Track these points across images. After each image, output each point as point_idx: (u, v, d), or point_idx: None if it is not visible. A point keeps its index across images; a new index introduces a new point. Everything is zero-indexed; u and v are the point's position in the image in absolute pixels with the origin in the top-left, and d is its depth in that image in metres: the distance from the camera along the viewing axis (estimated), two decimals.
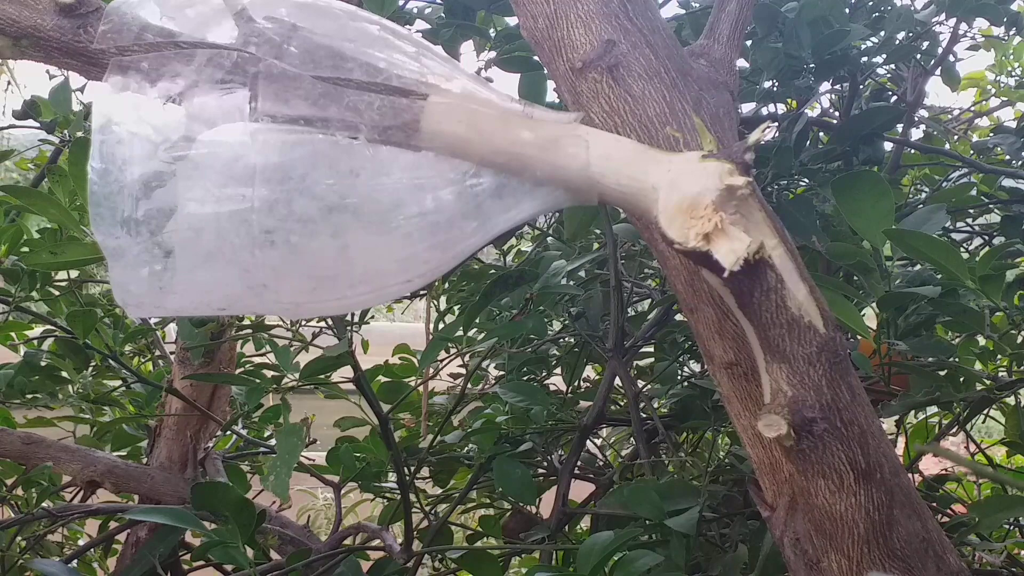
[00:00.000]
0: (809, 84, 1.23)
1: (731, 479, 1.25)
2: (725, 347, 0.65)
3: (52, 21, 0.63)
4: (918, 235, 0.85)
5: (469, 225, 0.58)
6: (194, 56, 0.57)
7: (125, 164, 0.56)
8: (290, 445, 1.04)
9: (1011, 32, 1.59)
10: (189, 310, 0.61)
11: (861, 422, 0.59)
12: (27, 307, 1.38)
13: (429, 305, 1.75)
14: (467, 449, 1.46)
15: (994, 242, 1.49)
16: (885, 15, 1.29)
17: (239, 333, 1.46)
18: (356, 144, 0.57)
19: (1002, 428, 1.44)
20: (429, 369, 1.44)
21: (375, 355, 1.64)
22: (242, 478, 1.60)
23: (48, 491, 1.38)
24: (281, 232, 0.56)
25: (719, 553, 1.15)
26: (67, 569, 1.10)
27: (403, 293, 0.62)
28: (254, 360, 1.62)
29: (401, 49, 0.59)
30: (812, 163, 1.23)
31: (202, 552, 1.18)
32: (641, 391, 1.43)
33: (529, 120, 0.58)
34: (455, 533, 1.52)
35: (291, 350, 1.17)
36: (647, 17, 0.67)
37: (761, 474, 0.67)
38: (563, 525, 1.32)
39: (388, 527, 1.30)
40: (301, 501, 2.78)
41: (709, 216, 0.51)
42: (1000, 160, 1.58)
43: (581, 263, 1.37)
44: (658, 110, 0.64)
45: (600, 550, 0.87)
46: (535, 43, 0.69)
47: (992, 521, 0.93)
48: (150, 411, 1.49)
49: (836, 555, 0.62)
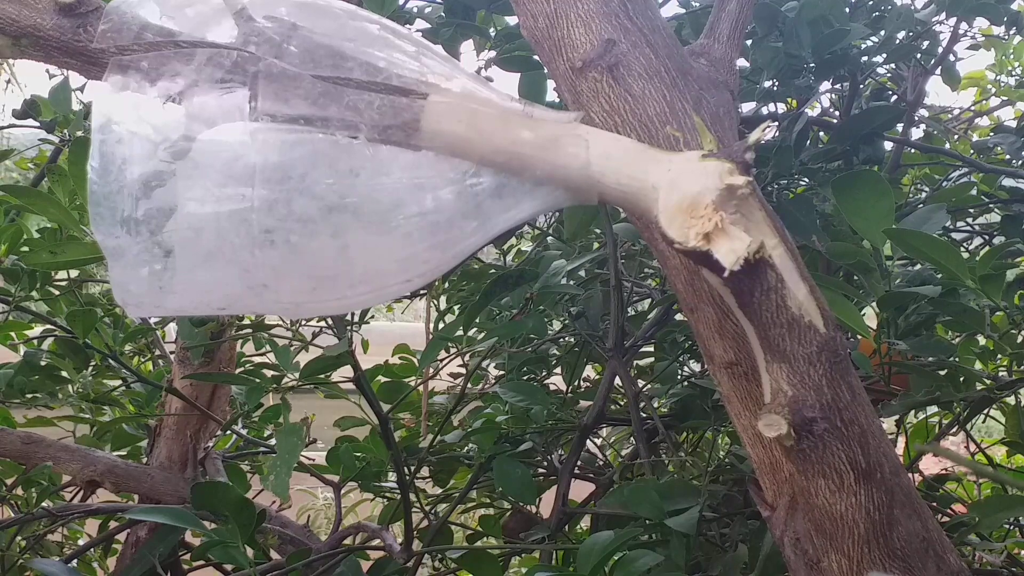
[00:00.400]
0: (809, 83, 1.23)
1: (731, 479, 1.24)
2: (725, 347, 0.65)
3: (52, 20, 0.63)
4: (918, 235, 0.85)
5: (469, 225, 0.58)
6: (194, 55, 0.57)
7: (125, 163, 0.56)
8: (290, 445, 1.04)
9: (1011, 31, 1.59)
10: (189, 310, 0.61)
11: (861, 422, 0.59)
12: (27, 307, 1.38)
13: (429, 305, 1.75)
14: (467, 449, 1.46)
15: (994, 241, 1.49)
16: (885, 14, 1.29)
17: (239, 333, 1.46)
18: (356, 143, 0.57)
19: (1002, 428, 1.44)
20: (429, 369, 1.44)
21: (375, 355, 1.64)
22: (242, 478, 1.60)
23: (48, 491, 1.38)
24: (281, 232, 0.56)
25: (719, 553, 1.15)
26: (67, 569, 1.10)
27: (403, 293, 0.62)
28: (254, 360, 1.62)
29: (401, 48, 0.59)
30: (812, 162, 1.23)
31: (202, 552, 1.18)
32: (641, 391, 1.43)
33: (529, 119, 0.58)
34: (455, 533, 1.53)
35: (291, 350, 1.17)
36: (647, 16, 0.67)
37: (761, 474, 0.67)
38: (563, 525, 1.32)
39: (388, 527, 1.30)
40: (301, 501, 2.78)
41: (709, 216, 0.50)
42: (1000, 160, 1.58)
43: (581, 263, 1.37)
44: (658, 109, 0.64)
45: (600, 550, 0.87)
46: (535, 42, 0.69)
47: (992, 521, 0.93)
48: (150, 411, 1.49)
49: (836, 555, 0.62)
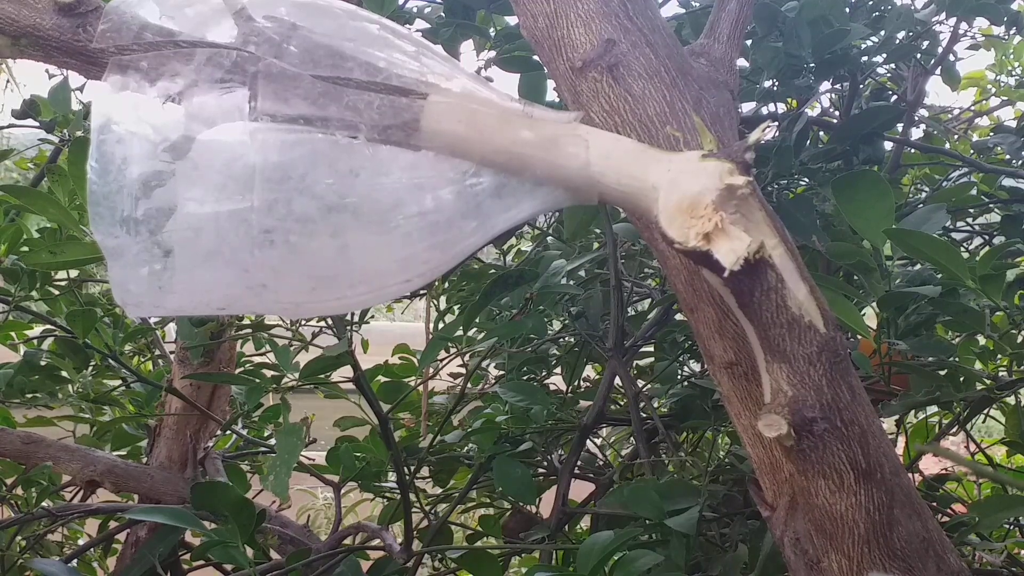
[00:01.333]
0: (809, 83, 1.22)
1: (731, 479, 1.24)
2: (725, 347, 0.65)
3: (51, 20, 0.63)
4: (918, 235, 0.85)
5: (469, 225, 0.58)
6: (193, 55, 0.57)
7: (124, 163, 0.55)
8: (290, 445, 1.04)
9: (1011, 31, 1.59)
10: (188, 310, 0.61)
11: (861, 422, 0.59)
12: (27, 307, 1.38)
13: (429, 305, 1.75)
14: (467, 449, 1.46)
15: (994, 241, 1.49)
16: (885, 14, 1.29)
17: (239, 333, 1.46)
18: (356, 143, 0.56)
19: (1002, 428, 1.44)
20: (429, 369, 1.44)
21: (375, 355, 1.64)
22: (242, 478, 1.60)
23: (48, 490, 1.38)
24: (280, 232, 0.56)
25: (719, 553, 1.14)
26: (67, 569, 1.10)
27: (403, 293, 0.62)
28: (254, 360, 1.62)
29: (401, 48, 0.59)
30: (812, 162, 1.23)
31: (202, 552, 1.18)
32: (641, 391, 1.43)
33: (529, 119, 0.58)
34: (455, 533, 1.52)
35: (291, 350, 1.17)
36: (647, 16, 0.67)
37: (761, 474, 0.67)
38: (563, 525, 1.32)
39: (388, 527, 1.30)
40: (301, 501, 2.78)
41: (709, 216, 0.50)
42: (1000, 159, 1.58)
43: (581, 263, 1.37)
44: (658, 109, 0.64)
45: (600, 550, 0.87)
46: (535, 42, 0.69)
47: (992, 521, 0.93)
48: (150, 411, 1.49)
49: (836, 555, 0.62)
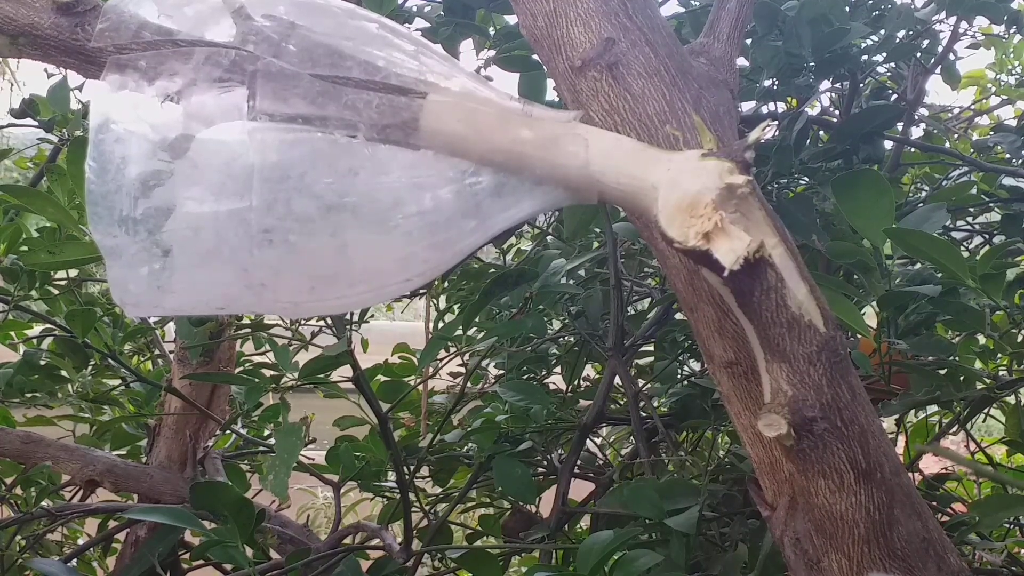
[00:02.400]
0: (809, 82, 1.22)
1: (731, 478, 1.24)
2: (725, 346, 0.65)
3: (50, 19, 0.63)
4: (918, 234, 0.85)
5: (468, 224, 0.58)
6: (192, 54, 0.57)
7: (123, 163, 0.55)
8: (289, 444, 1.04)
9: (1011, 30, 1.59)
10: (188, 309, 0.61)
11: (861, 421, 0.59)
12: (26, 306, 1.37)
13: (429, 304, 1.75)
14: (467, 448, 1.45)
15: (994, 241, 1.49)
16: (885, 13, 1.29)
17: (238, 332, 1.46)
18: (355, 143, 0.56)
19: (1002, 427, 1.44)
20: (429, 368, 1.43)
21: (375, 354, 1.64)
22: (241, 477, 1.60)
23: (47, 490, 1.38)
24: (280, 231, 0.56)
25: (719, 552, 1.14)
26: (66, 568, 1.10)
27: (402, 292, 0.61)
28: (253, 359, 1.62)
29: (400, 47, 0.59)
30: (812, 162, 1.23)
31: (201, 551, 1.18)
32: (641, 390, 1.43)
33: (528, 118, 0.58)
34: (455, 532, 1.52)
35: (290, 349, 1.17)
36: (647, 15, 0.67)
37: (761, 473, 0.67)
38: (563, 524, 1.32)
39: (388, 526, 1.30)
40: (301, 500, 2.78)
41: (709, 215, 0.50)
42: (1000, 158, 1.58)
43: (581, 262, 1.37)
44: (658, 108, 0.64)
45: (600, 549, 0.87)
46: (534, 41, 0.69)
47: (992, 520, 0.93)
48: (149, 410, 1.49)
49: (836, 555, 0.62)
